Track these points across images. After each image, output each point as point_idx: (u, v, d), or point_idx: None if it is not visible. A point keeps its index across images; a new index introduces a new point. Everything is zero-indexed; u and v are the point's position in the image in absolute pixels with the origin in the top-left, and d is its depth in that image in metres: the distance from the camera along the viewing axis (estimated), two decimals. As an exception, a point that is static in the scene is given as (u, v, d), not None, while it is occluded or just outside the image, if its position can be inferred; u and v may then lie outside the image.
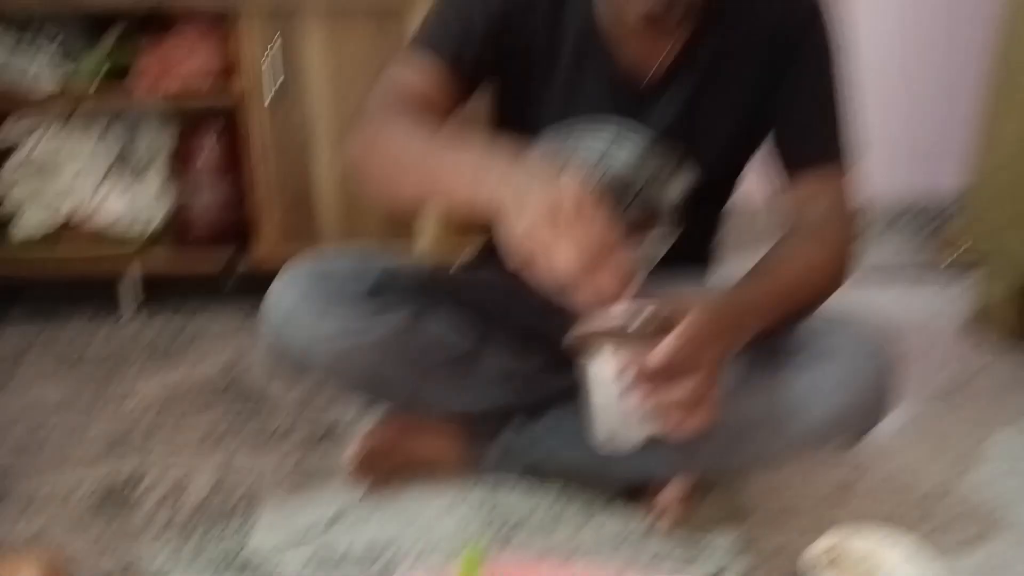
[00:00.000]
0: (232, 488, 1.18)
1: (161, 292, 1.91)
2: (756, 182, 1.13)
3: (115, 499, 1.16)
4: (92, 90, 1.73)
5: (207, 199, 1.80)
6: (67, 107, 1.82)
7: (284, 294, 1.07)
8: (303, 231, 1.78)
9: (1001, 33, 1.62)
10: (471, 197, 0.80)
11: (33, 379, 1.53)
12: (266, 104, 1.68)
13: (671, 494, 1.06)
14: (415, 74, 1.00)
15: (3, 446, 1.29)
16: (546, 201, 0.75)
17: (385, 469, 1.16)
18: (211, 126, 1.80)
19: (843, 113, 1.04)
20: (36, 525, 1.10)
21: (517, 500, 1.13)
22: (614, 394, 0.82)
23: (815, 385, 0.94)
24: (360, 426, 1.30)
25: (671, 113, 1.04)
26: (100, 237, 1.86)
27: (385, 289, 1.07)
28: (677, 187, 1.09)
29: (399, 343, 1.05)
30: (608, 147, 1.06)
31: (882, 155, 2.28)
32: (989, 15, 1.65)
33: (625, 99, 1.05)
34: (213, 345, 1.67)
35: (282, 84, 1.67)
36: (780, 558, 1.02)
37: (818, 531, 0.98)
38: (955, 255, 2.11)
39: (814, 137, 1.04)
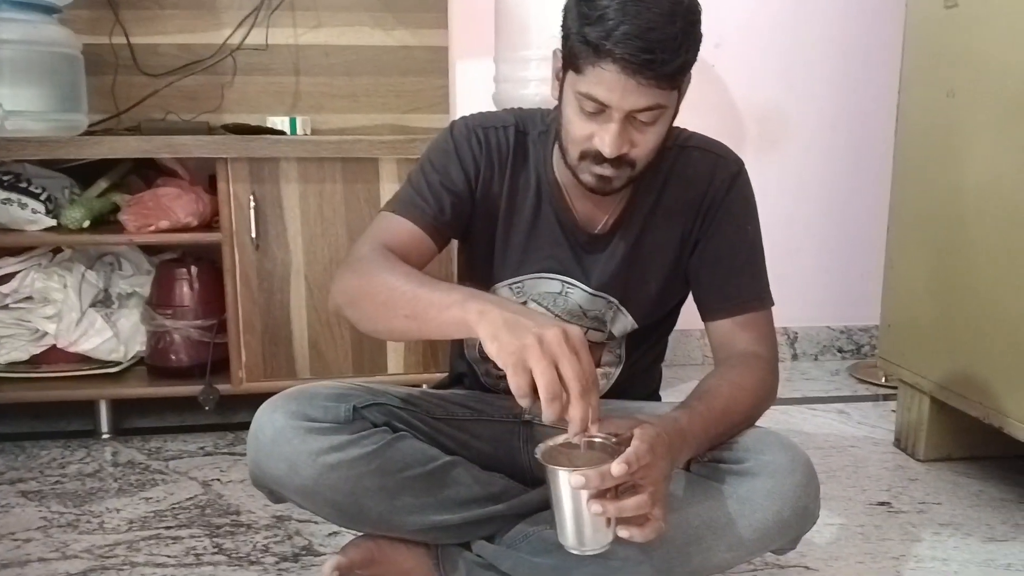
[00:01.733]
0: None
1: (139, 415, 1.98)
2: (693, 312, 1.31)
3: (99, 615, 1.21)
4: (81, 228, 1.87)
5: (186, 329, 1.92)
6: (56, 245, 1.96)
7: (271, 418, 1.16)
8: (279, 363, 1.90)
9: (894, 191, 1.89)
10: (460, 321, 0.93)
11: (14, 498, 1.57)
12: (248, 243, 1.85)
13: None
14: (395, 228, 1.17)
15: (-14, 565, 1.33)
16: (537, 330, 0.87)
17: (360, 583, 1.23)
18: (192, 262, 1.95)
19: (758, 261, 1.24)
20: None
21: (485, 610, 1.21)
22: (581, 503, 0.94)
23: (750, 496, 1.07)
24: (334, 545, 1.39)
25: (608, 271, 1.24)
26: (81, 362, 1.96)
27: (364, 411, 1.19)
28: (620, 326, 1.26)
29: (379, 457, 1.15)
30: (561, 290, 1.24)
31: (807, 296, 2.58)
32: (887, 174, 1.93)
33: (574, 251, 1.24)
34: (190, 465, 1.74)
35: (262, 226, 1.85)
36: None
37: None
38: (877, 383, 2.34)
39: (732, 286, 1.22)
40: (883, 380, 2.29)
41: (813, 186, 2.54)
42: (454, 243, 1.30)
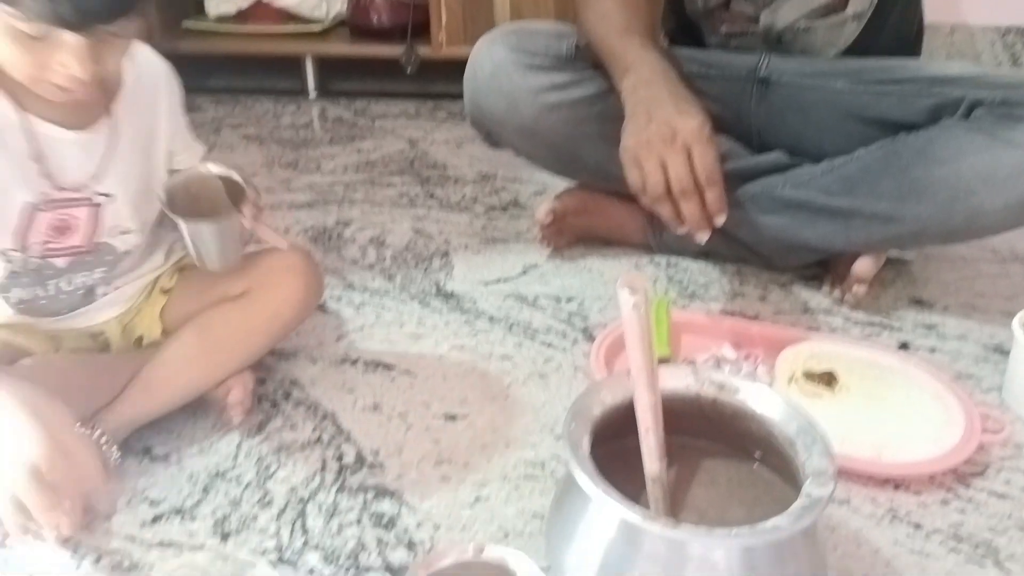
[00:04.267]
0: (428, 239, 1.28)
1: (342, 77, 2.00)
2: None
3: (327, 237, 1.29)
4: None
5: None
6: None
7: (491, 50, 1.10)
8: (479, 27, 1.79)
9: None
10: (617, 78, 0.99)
11: (235, 143, 1.67)
12: None
13: (857, 274, 1.08)
14: None
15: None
16: (670, 123, 0.93)
17: (570, 234, 1.22)
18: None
19: None
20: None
21: (698, 272, 1.18)
22: None
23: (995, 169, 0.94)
24: (545, 197, 1.38)
25: None
26: (286, 20, 1.96)
27: (586, 52, 1.09)
28: None
29: (601, 102, 1.08)
30: None
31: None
32: None
33: None
34: (395, 125, 1.76)
35: None
36: (964, 343, 1.03)
37: (1002, 325, 0.99)
38: None
39: None
40: None
41: None
42: None
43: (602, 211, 1.20)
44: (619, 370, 0.93)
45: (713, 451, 0.73)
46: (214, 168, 0.82)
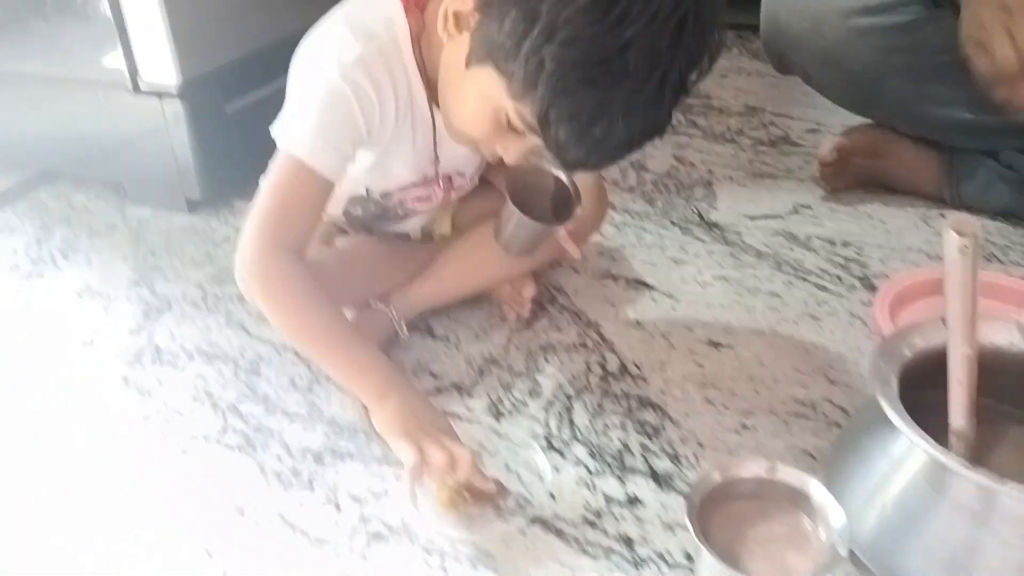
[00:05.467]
0: (690, 167, 1.25)
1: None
2: None
3: (589, 156, 1.30)
4: None
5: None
6: None
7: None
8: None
9: None
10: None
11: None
12: None
13: None
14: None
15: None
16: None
17: (852, 176, 1.13)
18: None
19: None
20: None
21: (996, 232, 1.06)
22: None
23: None
24: (812, 140, 1.29)
25: None
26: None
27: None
28: None
29: (917, 31, 0.98)
30: None
31: None
32: None
33: None
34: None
35: None
36: None
37: None
38: None
39: None
40: None
41: None
42: None
43: (894, 154, 1.10)
44: (914, 322, 0.86)
45: (1026, 419, 0.66)
46: (561, 173, 0.82)
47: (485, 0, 0.63)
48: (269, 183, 0.72)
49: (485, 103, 0.66)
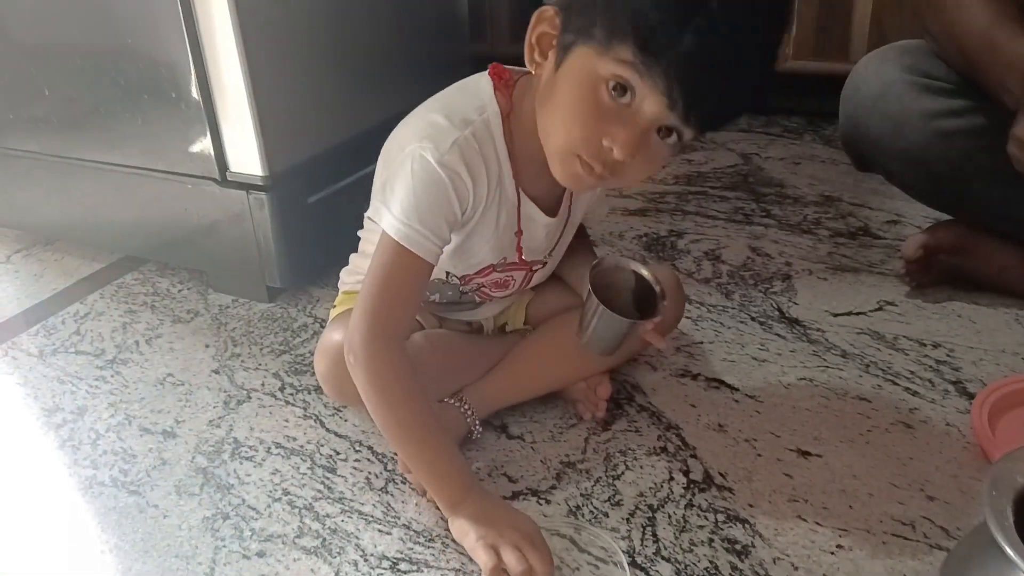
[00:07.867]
0: (767, 259, 1.23)
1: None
2: None
3: (660, 245, 1.29)
4: None
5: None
6: None
7: (880, 69, 1.03)
8: (834, 37, 1.70)
9: None
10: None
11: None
12: None
13: None
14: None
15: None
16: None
17: (938, 272, 1.10)
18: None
19: None
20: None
21: (1098, 335, 1.01)
22: None
23: None
24: (894, 233, 1.26)
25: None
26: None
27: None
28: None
29: (997, 137, 0.95)
30: None
31: None
32: None
33: None
34: (726, 138, 1.71)
35: None
36: None
37: None
38: None
39: None
40: None
41: None
42: None
43: (982, 252, 1.07)
44: (1009, 435, 0.82)
45: None
46: (643, 270, 0.82)
47: (563, 3, 0.66)
48: (372, 269, 0.74)
49: (581, 84, 0.65)
